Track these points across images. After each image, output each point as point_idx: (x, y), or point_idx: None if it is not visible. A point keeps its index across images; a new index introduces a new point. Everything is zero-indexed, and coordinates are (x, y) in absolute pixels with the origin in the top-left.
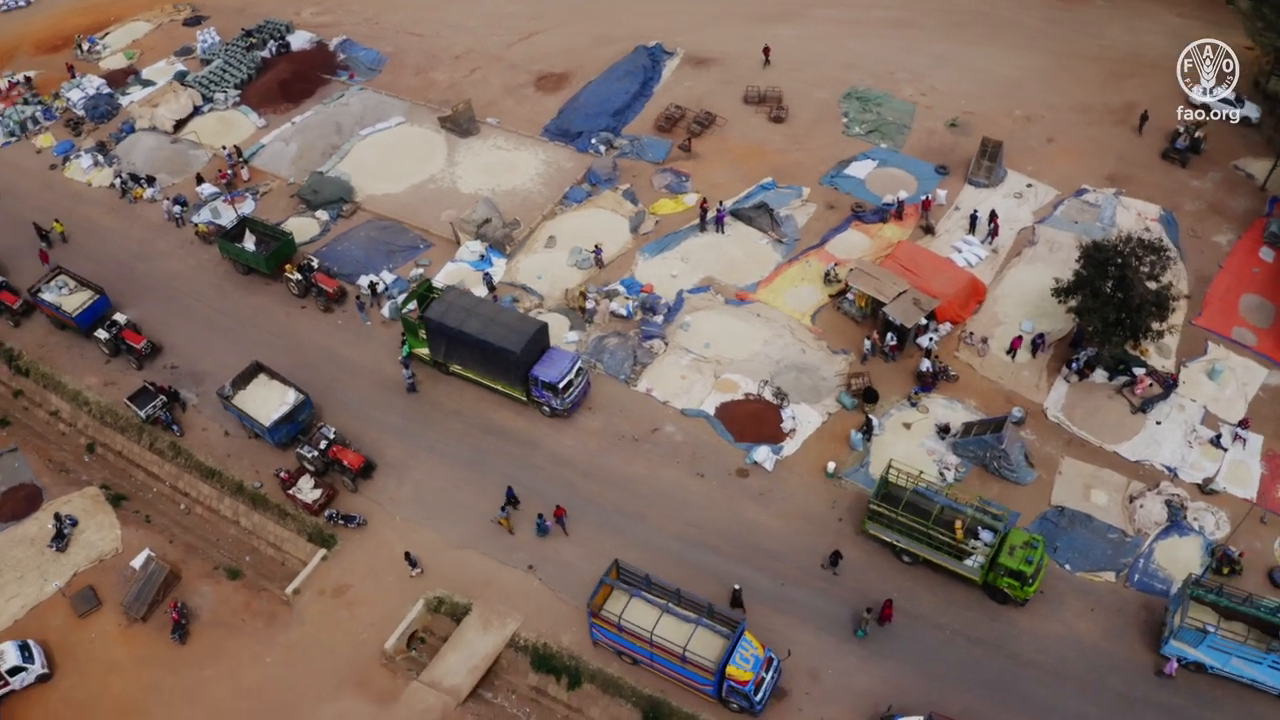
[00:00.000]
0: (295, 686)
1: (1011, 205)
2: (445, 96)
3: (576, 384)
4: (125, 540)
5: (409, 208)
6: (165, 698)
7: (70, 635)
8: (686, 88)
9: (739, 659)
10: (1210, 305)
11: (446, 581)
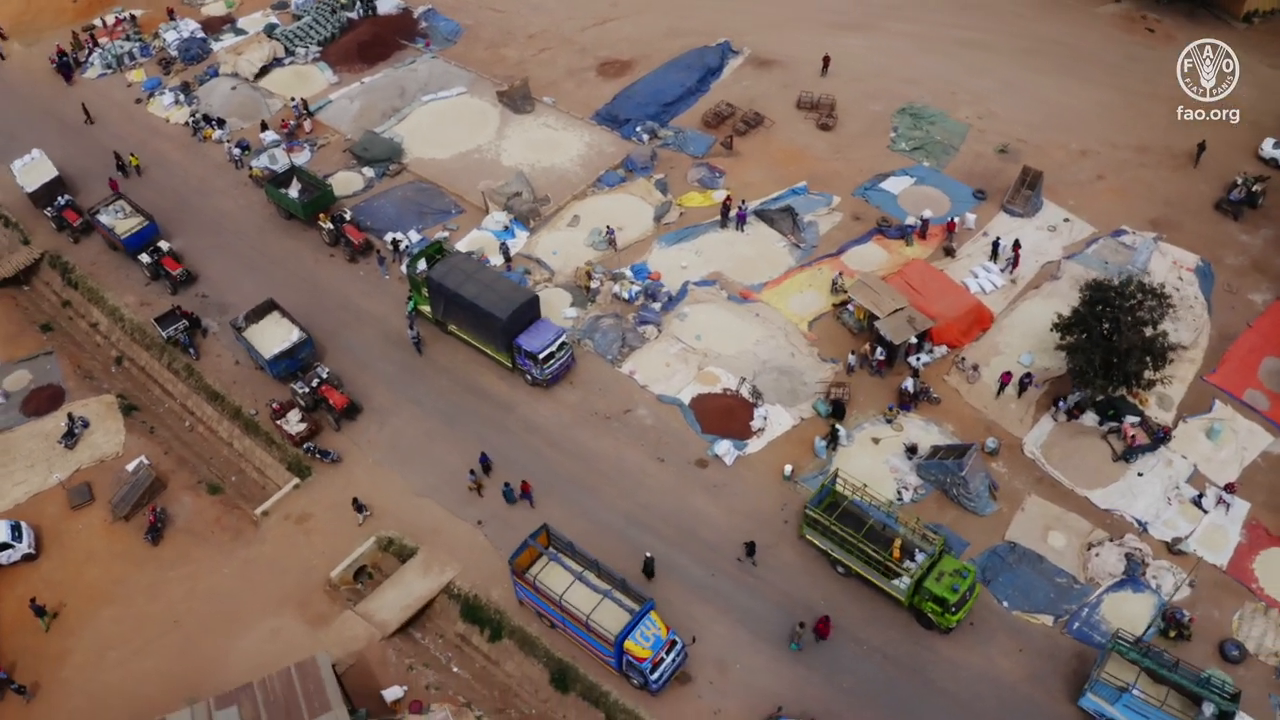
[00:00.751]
0: (243, 598)
1: (1043, 237)
2: (510, 73)
3: (558, 357)
4: (127, 446)
5: (450, 174)
6: (129, 590)
7: (61, 524)
8: (744, 87)
9: (639, 636)
10: (1227, 363)
11: (401, 524)
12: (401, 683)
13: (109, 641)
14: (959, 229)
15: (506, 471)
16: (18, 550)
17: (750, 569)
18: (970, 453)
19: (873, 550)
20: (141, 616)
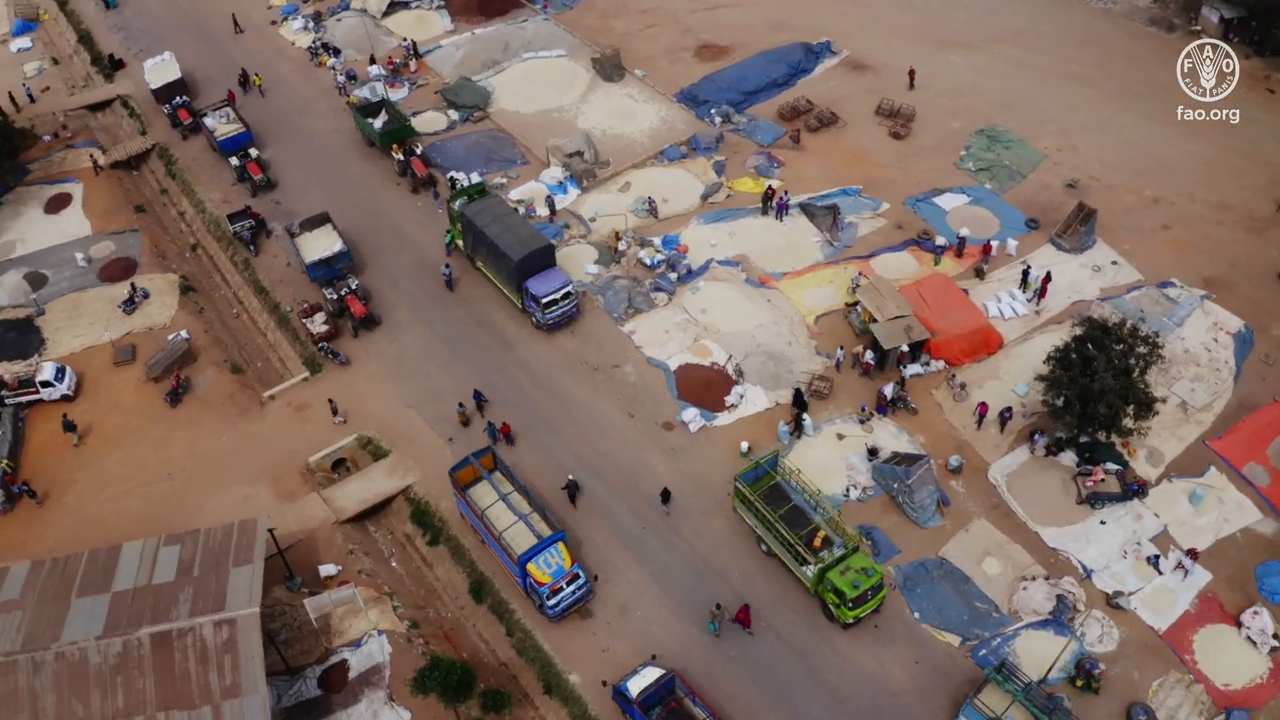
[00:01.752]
0: (230, 465)
1: (1084, 275)
2: (614, 43)
3: (561, 305)
4: (175, 320)
5: (527, 127)
6: (139, 440)
7: (102, 375)
8: (830, 86)
9: (542, 562)
10: (1237, 432)
11: (383, 428)
12: (341, 564)
13: (109, 479)
14: (998, 253)
15: (494, 409)
16: (57, 390)
17: (679, 530)
18: (921, 464)
19: (787, 532)
20: (142, 464)
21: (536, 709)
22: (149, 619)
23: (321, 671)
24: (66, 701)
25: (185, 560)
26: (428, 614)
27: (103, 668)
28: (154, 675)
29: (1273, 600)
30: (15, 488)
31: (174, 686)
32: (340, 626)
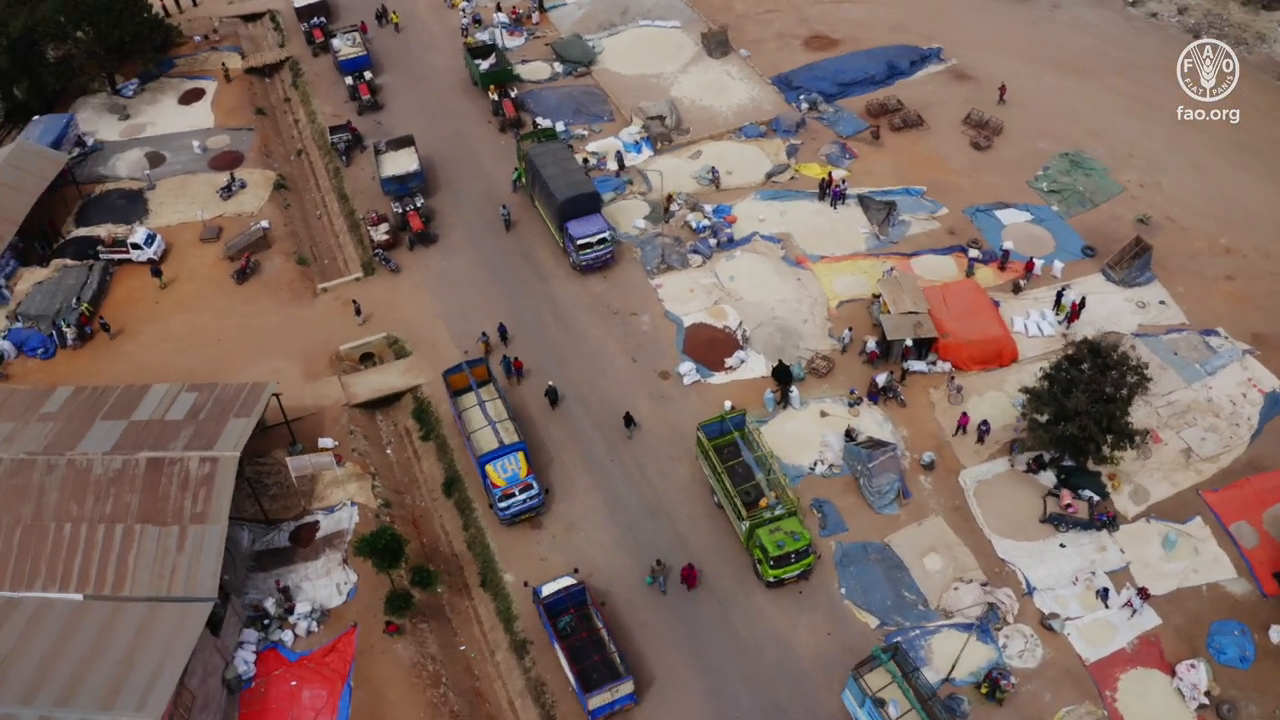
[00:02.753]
0: (272, 341)
1: (1126, 309)
2: (730, 22)
3: (596, 249)
4: (262, 211)
5: (622, 88)
6: (201, 308)
7: (187, 248)
8: (926, 90)
9: (500, 466)
10: (1236, 489)
11: (411, 332)
12: (339, 440)
13: (169, 336)
14: (1041, 273)
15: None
16: (145, 253)
17: (642, 468)
18: (886, 451)
19: (730, 485)
20: (200, 328)
21: (471, 599)
22: (149, 446)
23: (295, 527)
24: (66, 501)
25: (197, 406)
26: (403, 499)
27: (101, 478)
28: (141, 492)
29: (1217, 658)
30: (88, 328)
31: (154, 504)
32: (322, 492)
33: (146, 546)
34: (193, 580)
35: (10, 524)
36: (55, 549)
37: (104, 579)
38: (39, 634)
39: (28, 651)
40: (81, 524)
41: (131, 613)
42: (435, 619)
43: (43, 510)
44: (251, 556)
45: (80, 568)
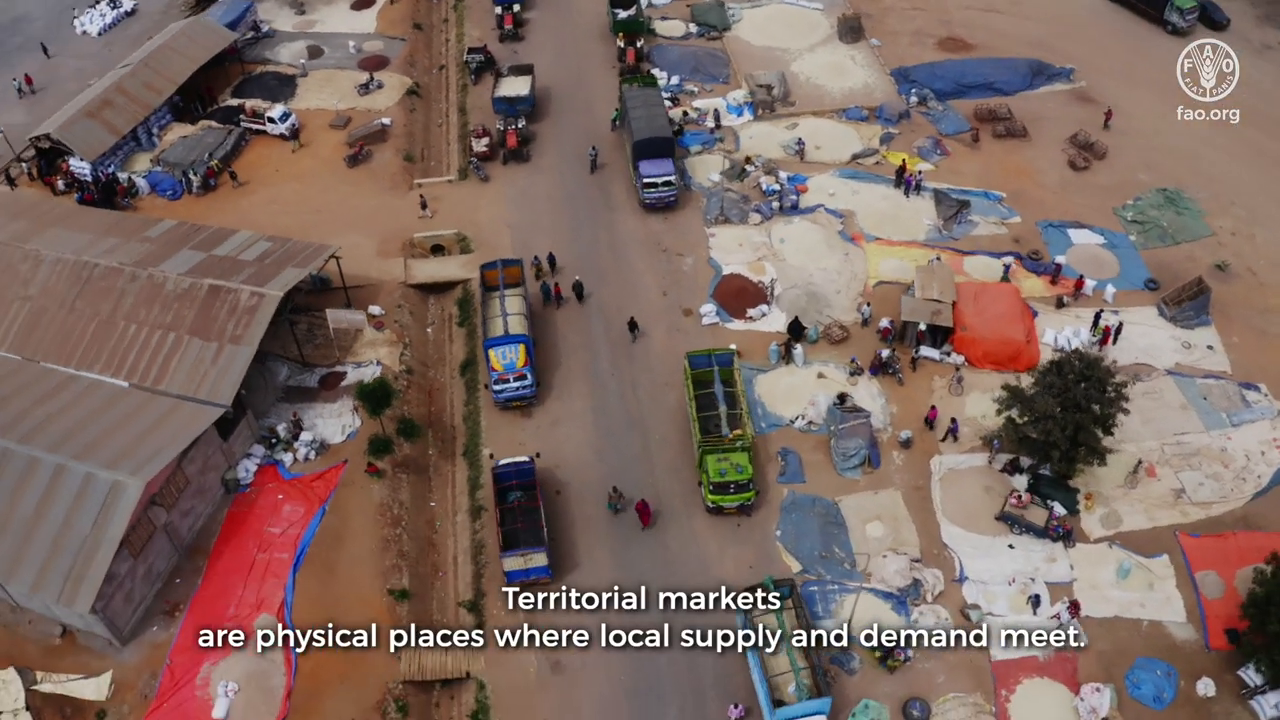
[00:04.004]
0: (360, 219)
1: (1170, 346)
2: (875, 13)
3: (660, 189)
4: (389, 111)
5: (744, 56)
6: (313, 180)
7: (317, 131)
8: (1042, 106)
9: (502, 353)
10: (1216, 540)
11: (479, 234)
12: (386, 310)
13: (277, 199)
14: (1093, 295)
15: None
16: (278, 128)
17: (636, 387)
18: (859, 418)
19: (694, 410)
20: (306, 197)
21: (454, 466)
22: (215, 275)
23: (325, 373)
24: (138, 306)
25: (267, 253)
26: (426, 372)
27: (170, 294)
28: (197, 310)
29: (1131, 690)
30: (212, 180)
31: (205, 322)
32: (357, 350)
33: (189, 354)
34: (216, 388)
35: (89, 316)
36: (118, 342)
37: (149, 373)
38: (82, 405)
39: (69, 416)
40: (144, 327)
41: (160, 404)
42: (417, 474)
43: (118, 310)
44: (282, 390)
45: (133, 361)
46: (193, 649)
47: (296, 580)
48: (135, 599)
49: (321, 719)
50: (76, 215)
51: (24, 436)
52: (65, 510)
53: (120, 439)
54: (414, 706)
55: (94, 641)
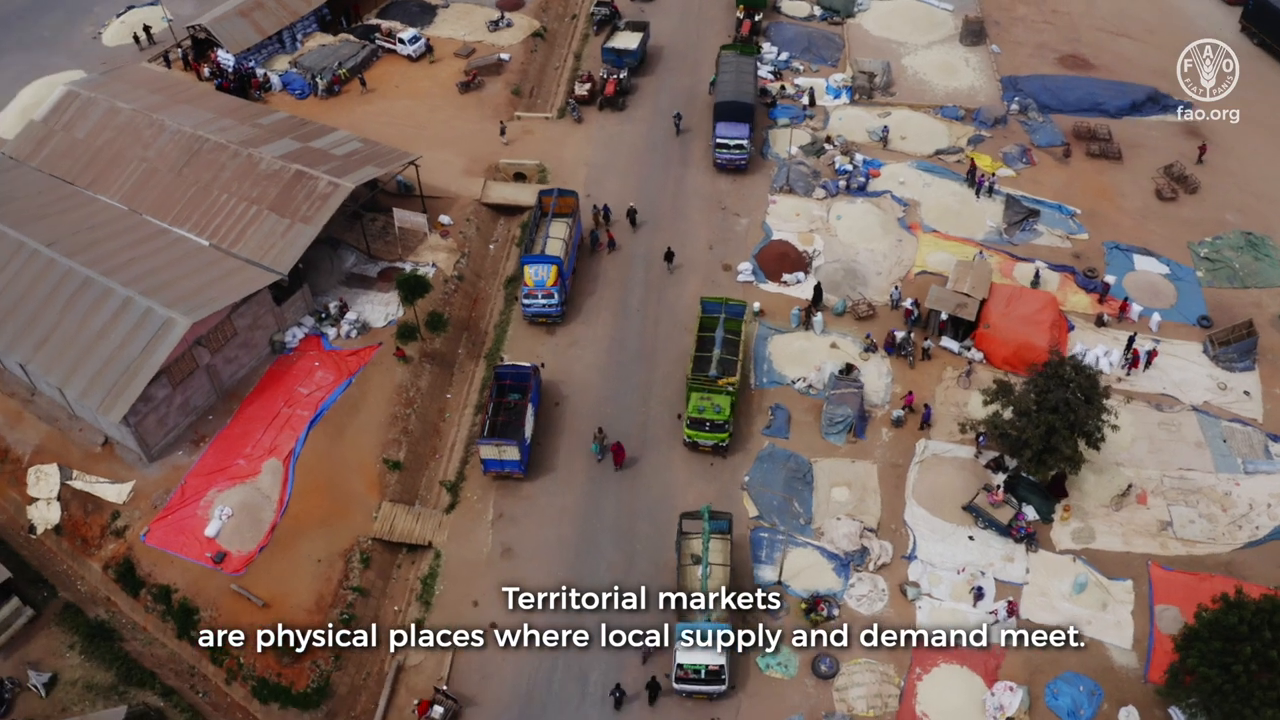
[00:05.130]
0: (457, 138)
1: (1204, 383)
2: (1006, 21)
3: (730, 151)
4: (511, 47)
5: (859, 44)
6: (424, 99)
7: (443, 55)
8: (1143, 134)
9: (535, 269)
10: (1189, 578)
11: (558, 167)
12: (455, 221)
13: (389, 111)
14: (1135, 318)
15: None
16: (407, 49)
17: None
18: (850, 387)
19: (693, 349)
20: (414, 114)
21: (475, 366)
22: (304, 163)
23: (385, 267)
24: (233, 180)
25: (355, 151)
26: (477, 281)
27: (262, 173)
28: (280, 190)
29: (1049, 699)
30: (337, 87)
31: (284, 201)
32: (419, 250)
33: (264, 226)
34: (278, 258)
35: (191, 182)
36: (209, 207)
37: (227, 237)
38: (164, 254)
39: (150, 260)
40: (234, 198)
41: (229, 263)
42: (441, 367)
43: (215, 180)
44: (345, 275)
45: (217, 225)
46: (207, 475)
47: (309, 436)
48: (168, 424)
49: (294, 553)
50: (207, 97)
51: (107, 270)
52: (123, 335)
53: (185, 286)
54: (376, 562)
55: (127, 455)
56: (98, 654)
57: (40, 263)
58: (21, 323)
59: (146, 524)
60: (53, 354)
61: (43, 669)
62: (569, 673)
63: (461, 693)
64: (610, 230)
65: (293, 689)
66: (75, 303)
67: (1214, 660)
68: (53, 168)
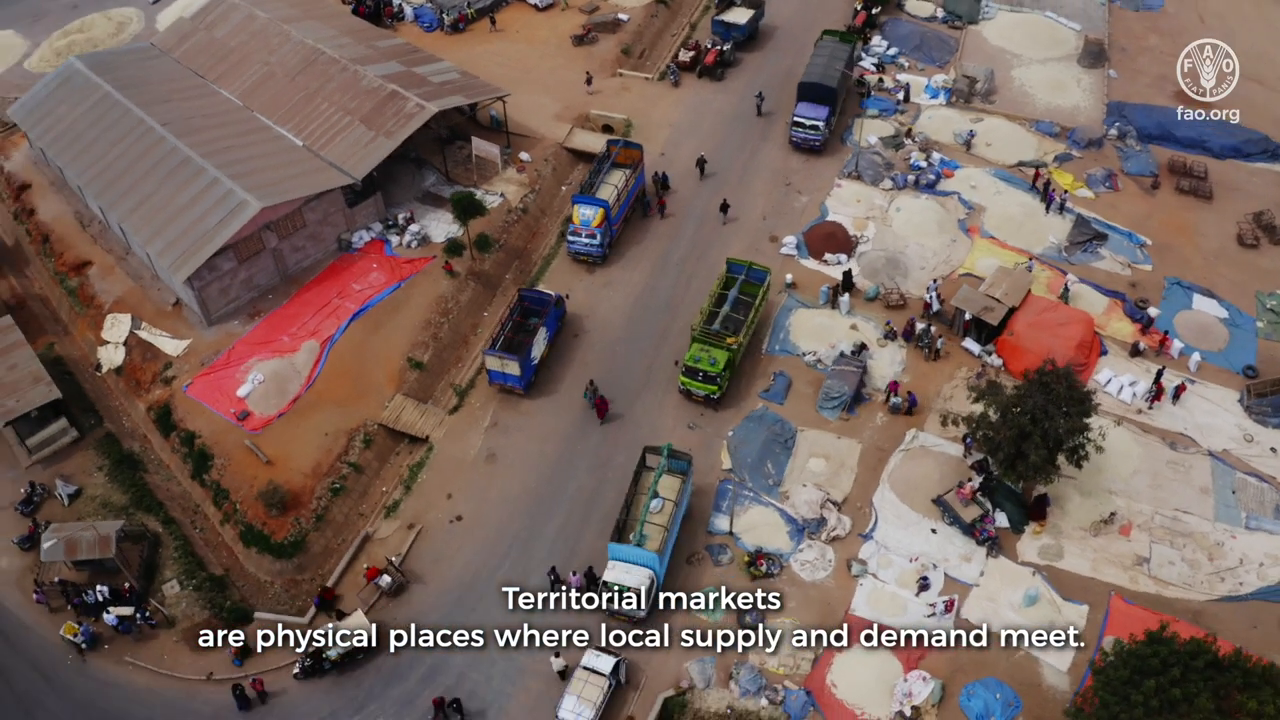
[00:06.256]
0: (560, 86)
1: (1230, 432)
2: (1138, 52)
3: (806, 130)
4: (633, 10)
5: (973, 49)
6: (541, 47)
7: (570, 12)
8: (1248, 178)
9: (582, 209)
10: (1150, 615)
11: (644, 124)
12: (533, 159)
13: (503, 52)
14: (1172, 354)
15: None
16: None
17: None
18: (851, 364)
19: (709, 304)
20: (524, 58)
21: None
22: (399, 84)
23: (458, 190)
24: (337, 91)
25: (451, 81)
26: (540, 217)
27: (362, 88)
28: (374, 105)
29: (962, 699)
30: (461, 24)
31: (375, 115)
32: (492, 180)
33: (352, 135)
34: (357, 165)
35: (300, 89)
36: (310, 113)
37: (318, 140)
38: (260, 146)
39: (246, 150)
40: (333, 107)
41: (313, 162)
42: (485, 287)
43: (321, 90)
44: (422, 192)
45: (313, 128)
46: (253, 345)
47: (349, 326)
48: (230, 295)
49: (307, 424)
50: (337, 17)
51: (206, 153)
52: (204, 209)
53: (267, 176)
54: (377, 445)
55: (191, 316)
56: (121, 479)
57: (153, 139)
58: (126, 187)
59: (191, 377)
60: (145, 217)
61: (71, 483)
62: (514, 569)
63: (412, 570)
64: (664, 197)
65: (272, 538)
66: (173, 176)
67: (1117, 689)
68: (189, 61)
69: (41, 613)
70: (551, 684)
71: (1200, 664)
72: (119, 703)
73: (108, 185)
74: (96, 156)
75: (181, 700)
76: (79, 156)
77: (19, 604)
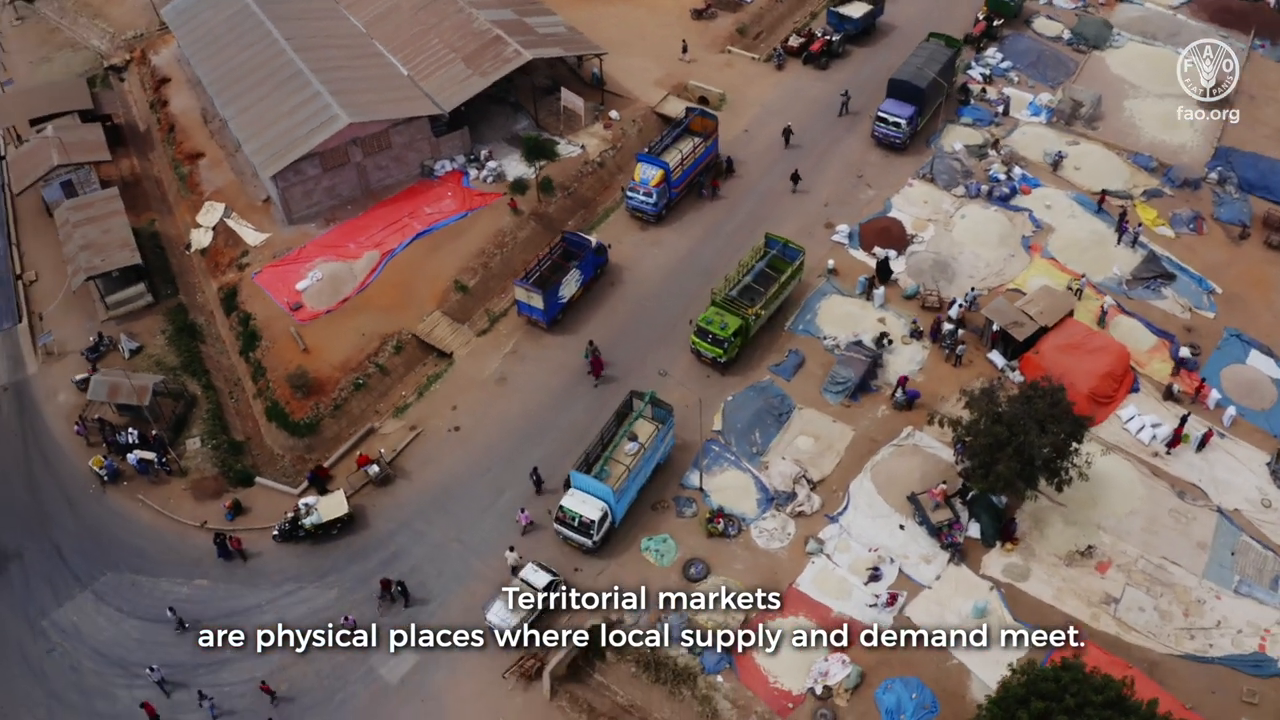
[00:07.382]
0: (664, 54)
1: (1248, 494)
2: (1259, 94)
3: (888, 126)
4: None
5: (1091, 75)
6: (661, 16)
7: None
8: None
9: (644, 168)
10: (1100, 655)
11: (738, 99)
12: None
13: (623, 16)
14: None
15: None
16: None
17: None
18: (861, 353)
19: (735, 275)
20: (638, 24)
21: None
22: (505, 30)
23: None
24: (448, 30)
25: (555, 34)
26: (615, 173)
27: (472, 30)
28: (476, 46)
29: (878, 695)
30: None
31: (475, 56)
32: (578, 132)
33: (452, 70)
34: (448, 98)
35: (417, 24)
36: (420, 46)
37: (422, 71)
38: (367, 69)
39: (353, 70)
40: (442, 44)
41: (410, 91)
42: (545, 228)
43: (434, 28)
44: (511, 134)
45: (420, 61)
46: (322, 247)
47: (411, 244)
48: (312, 199)
49: (351, 321)
50: None
51: (316, 69)
52: (302, 117)
53: (366, 97)
54: (406, 352)
55: (275, 214)
56: (179, 344)
57: (275, 50)
58: (243, 90)
59: (261, 267)
60: (251, 118)
61: (135, 340)
62: (491, 484)
63: (402, 466)
64: (718, 180)
65: (291, 417)
66: (283, 86)
67: (1007, 706)
68: None
69: (79, 444)
70: (495, 590)
71: (1098, 700)
72: (122, 533)
73: (228, 86)
74: (225, 60)
75: (174, 540)
76: (211, 58)
77: (63, 434)
